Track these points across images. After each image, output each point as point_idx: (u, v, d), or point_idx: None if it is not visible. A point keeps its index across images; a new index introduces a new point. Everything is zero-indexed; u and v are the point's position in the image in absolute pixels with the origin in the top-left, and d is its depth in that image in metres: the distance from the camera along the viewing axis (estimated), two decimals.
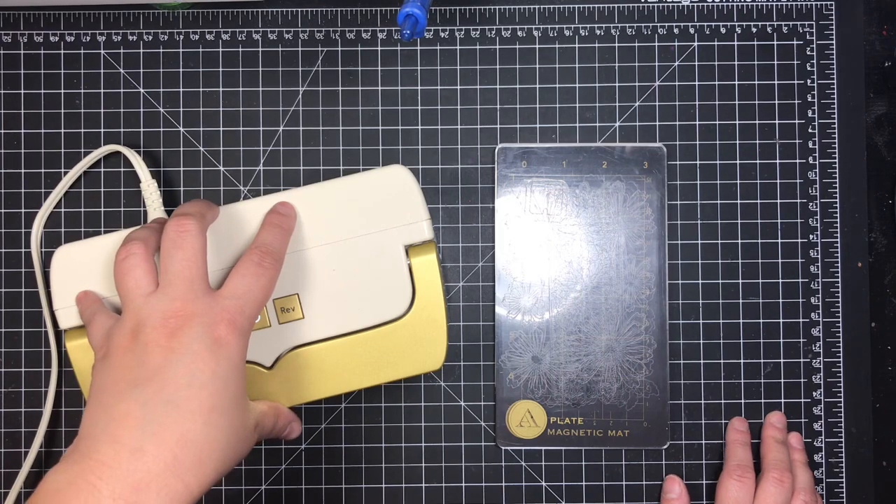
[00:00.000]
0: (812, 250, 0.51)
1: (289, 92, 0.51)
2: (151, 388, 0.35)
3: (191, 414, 0.35)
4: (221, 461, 0.36)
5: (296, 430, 0.45)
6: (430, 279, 0.44)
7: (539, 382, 0.50)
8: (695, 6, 0.51)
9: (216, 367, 0.36)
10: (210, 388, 0.36)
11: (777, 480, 0.46)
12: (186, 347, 0.36)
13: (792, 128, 0.51)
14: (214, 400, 0.36)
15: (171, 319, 0.37)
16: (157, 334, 0.36)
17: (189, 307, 0.37)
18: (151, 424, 0.34)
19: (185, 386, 0.35)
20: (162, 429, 0.34)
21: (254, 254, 0.40)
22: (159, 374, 0.36)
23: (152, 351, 0.36)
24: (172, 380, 0.35)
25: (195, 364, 0.36)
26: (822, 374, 0.50)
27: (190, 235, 0.39)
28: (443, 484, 0.50)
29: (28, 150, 0.50)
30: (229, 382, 0.37)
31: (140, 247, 0.39)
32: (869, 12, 0.51)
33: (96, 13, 0.51)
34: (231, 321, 0.37)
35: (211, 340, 0.37)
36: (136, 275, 0.38)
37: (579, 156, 0.50)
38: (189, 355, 0.36)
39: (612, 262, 0.50)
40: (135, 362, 0.36)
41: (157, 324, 0.37)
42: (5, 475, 0.49)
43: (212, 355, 0.36)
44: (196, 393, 0.36)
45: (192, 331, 0.37)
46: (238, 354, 0.37)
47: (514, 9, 0.51)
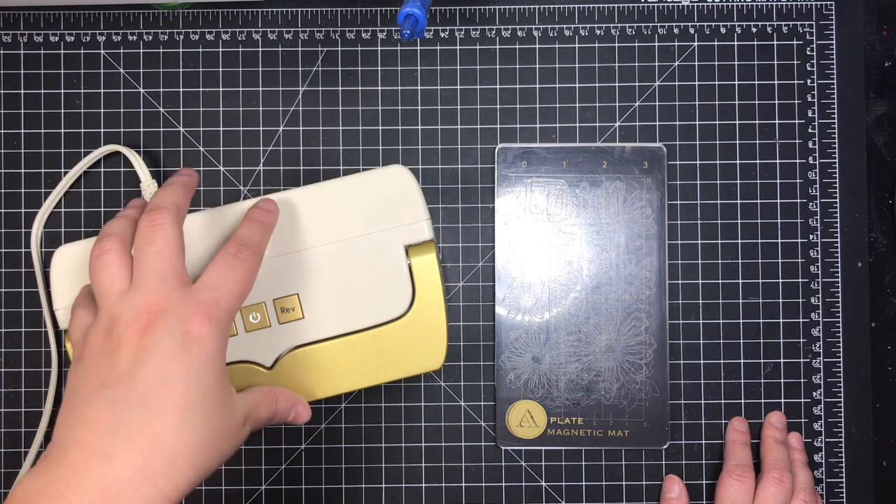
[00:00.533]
0: (812, 250, 0.51)
1: (289, 92, 0.51)
2: (121, 388, 0.34)
3: (162, 413, 0.34)
4: (199, 462, 0.35)
5: (303, 414, 0.43)
6: (430, 279, 0.44)
7: (539, 382, 0.50)
8: (695, 6, 0.51)
9: (189, 363, 0.35)
10: (182, 385, 0.34)
11: (777, 480, 0.46)
12: (157, 344, 0.35)
13: (792, 128, 0.51)
14: (187, 398, 0.34)
15: (143, 315, 0.36)
16: (129, 332, 0.35)
17: (161, 302, 0.36)
18: (121, 427, 0.33)
19: (156, 385, 0.34)
20: (132, 431, 0.33)
21: (230, 246, 0.39)
22: (130, 374, 0.34)
23: (123, 350, 0.35)
24: (143, 379, 0.34)
25: (166, 361, 0.34)
26: (822, 374, 0.50)
27: (163, 228, 0.38)
28: (443, 484, 0.50)
29: (28, 150, 0.50)
30: (204, 378, 0.35)
31: (115, 242, 0.38)
32: (869, 12, 0.51)
33: (96, 13, 0.51)
34: (205, 314, 0.36)
35: (183, 335, 0.35)
36: (110, 272, 0.37)
37: (579, 156, 0.50)
38: (160, 352, 0.35)
39: (612, 262, 0.50)
40: (106, 363, 0.35)
41: (129, 321, 0.36)
42: (5, 475, 0.49)
43: (184, 351, 0.35)
44: (167, 391, 0.34)
45: (164, 326, 0.35)
46: (213, 348, 0.36)
47: (514, 9, 0.51)
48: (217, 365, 0.36)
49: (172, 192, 0.40)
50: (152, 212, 0.38)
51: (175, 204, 0.39)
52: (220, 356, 0.36)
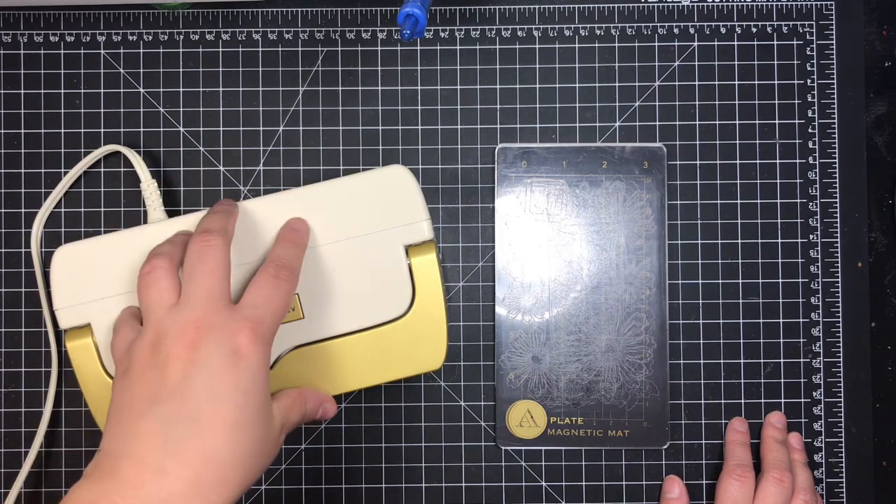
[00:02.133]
0: (812, 250, 0.51)
1: (289, 92, 0.51)
2: (172, 404, 0.35)
3: (213, 430, 0.35)
4: (245, 476, 0.36)
5: (330, 410, 0.44)
6: (430, 279, 0.44)
7: (539, 382, 0.50)
8: (695, 6, 0.51)
9: (237, 380, 0.36)
10: (231, 401, 0.35)
11: (777, 480, 0.46)
12: (206, 360, 0.35)
13: (792, 128, 0.51)
14: (237, 414, 0.35)
15: (191, 331, 0.36)
16: (178, 347, 0.36)
17: (209, 318, 0.37)
18: (173, 443, 0.34)
19: (206, 401, 0.35)
20: (184, 447, 0.34)
21: (270, 267, 0.40)
22: (179, 389, 0.35)
23: (172, 364, 0.36)
24: (193, 395, 0.35)
25: (215, 377, 0.35)
26: (822, 374, 0.50)
27: (214, 250, 0.39)
28: (443, 484, 0.50)
29: (28, 150, 0.50)
30: (251, 395, 0.36)
31: (164, 260, 0.39)
32: (869, 12, 0.51)
33: (96, 13, 0.51)
34: (251, 331, 0.37)
35: (231, 351, 0.36)
36: (159, 287, 0.38)
37: (579, 156, 0.50)
38: (209, 367, 0.35)
39: (612, 262, 0.50)
40: (155, 378, 0.36)
41: (178, 336, 0.36)
42: (5, 475, 0.49)
43: (232, 367, 0.36)
44: (217, 408, 0.35)
45: (212, 342, 0.36)
46: (259, 365, 0.37)
47: (514, 9, 0.51)
48: (262, 381, 0.37)
49: (221, 218, 0.41)
50: (204, 233, 0.39)
51: (224, 229, 0.40)
52: (265, 372, 0.37)
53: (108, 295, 0.44)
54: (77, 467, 0.49)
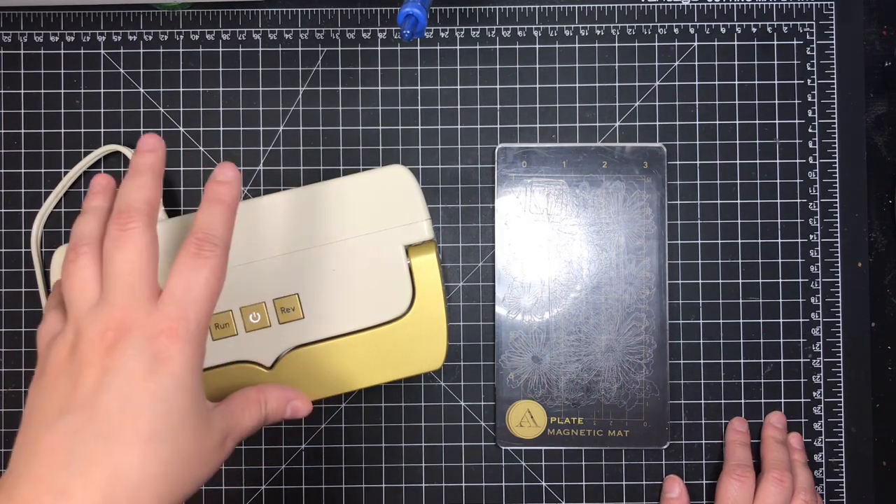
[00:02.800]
0: (812, 250, 0.51)
1: (289, 92, 0.51)
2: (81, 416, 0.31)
3: (124, 446, 0.31)
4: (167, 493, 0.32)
5: (301, 409, 0.40)
6: (430, 279, 0.44)
7: (539, 382, 0.50)
8: (695, 6, 0.51)
9: (156, 388, 0.32)
10: (148, 413, 0.31)
11: (777, 480, 0.46)
12: (122, 366, 0.32)
13: (792, 128, 0.51)
14: (154, 427, 0.31)
15: (109, 332, 0.33)
16: (93, 351, 0.32)
17: (129, 317, 0.33)
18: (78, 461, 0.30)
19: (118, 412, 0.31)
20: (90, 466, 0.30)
21: (189, 244, 0.35)
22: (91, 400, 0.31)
23: (86, 371, 0.32)
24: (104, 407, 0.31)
25: (130, 386, 0.31)
26: (822, 374, 0.50)
27: (134, 234, 0.34)
28: (443, 484, 0.50)
29: (28, 150, 0.50)
30: (173, 404, 0.32)
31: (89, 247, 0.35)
32: (869, 12, 0.51)
33: (96, 13, 0.51)
34: (172, 331, 0.33)
35: (150, 356, 0.32)
36: (81, 278, 0.35)
37: (579, 156, 0.50)
38: (124, 376, 0.32)
39: (612, 262, 0.50)
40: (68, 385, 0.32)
41: (95, 338, 0.33)
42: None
43: (150, 374, 0.32)
44: (131, 421, 0.31)
45: (130, 346, 0.32)
46: (184, 368, 0.33)
47: (514, 9, 0.51)
48: (189, 386, 0.33)
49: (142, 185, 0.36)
50: (122, 214, 0.35)
51: (147, 202, 0.36)
52: (192, 375, 0.33)
53: None
54: None
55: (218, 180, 0.37)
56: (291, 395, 0.40)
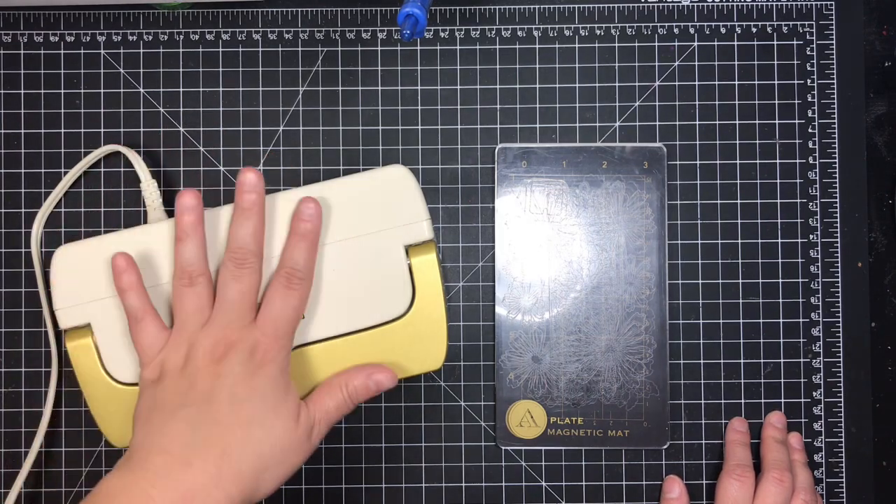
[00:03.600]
0: (812, 250, 0.51)
1: (289, 92, 0.51)
2: (199, 409, 0.39)
3: (230, 428, 0.38)
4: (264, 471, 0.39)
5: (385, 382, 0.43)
6: (430, 279, 0.44)
7: (539, 382, 0.50)
8: (695, 6, 0.51)
9: (254, 384, 0.40)
10: (248, 403, 0.39)
11: (777, 480, 0.46)
12: (230, 371, 0.40)
13: (792, 128, 0.51)
14: (252, 414, 0.39)
15: (220, 347, 0.40)
16: (206, 361, 0.40)
17: (235, 334, 0.41)
18: (198, 441, 0.38)
19: (227, 405, 0.39)
20: (206, 444, 0.38)
21: (282, 277, 0.42)
22: (206, 397, 0.39)
23: (201, 378, 0.40)
24: (217, 401, 0.39)
25: (236, 385, 0.39)
26: (822, 374, 0.50)
27: (249, 271, 0.42)
28: (443, 484, 0.50)
29: (28, 150, 0.50)
30: (268, 397, 0.40)
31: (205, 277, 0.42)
32: (869, 12, 0.51)
33: (96, 13, 0.51)
34: (268, 344, 0.41)
35: (252, 363, 0.40)
36: (199, 303, 0.42)
37: (579, 156, 0.50)
38: (231, 378, 0.39)
39: (612, 262, 0.50)
40: (185, 386, 0.40)
41: (207, 353, 0.40)
42: (5, 475, 0.49)
43: (250, 375, 0.40)
44: (236, 409, 0.39)
45: (235, 355, 0.40)
46: (276, 371, 0.40)
47: (514, 9, 0.51)
48: (281, 385, 0.40)
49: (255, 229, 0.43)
50: (239, 253, 0.42)
51: (258, 244, 0.43)
52: (283, 377, 0.41)
53: (108, 295, 0.44)
54: (77, 467, 0.49)
55: (303, 218, 0.43)
56: (372, 370, 0.43)
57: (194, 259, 0.42)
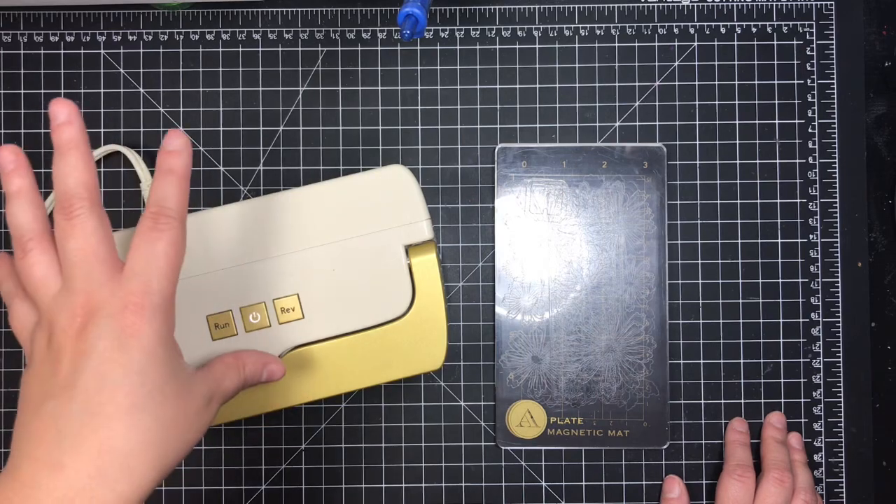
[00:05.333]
0: (812, 250, 0.51)
1: (289, 92, 0.51)
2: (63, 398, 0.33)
3: (107, 419, 0.33)
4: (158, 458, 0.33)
5: (276, 372, 0.42)
6: (430, 279, 0.44)
7: (539, 382, 0.50)
8: (695, 6, 0.51)
9: (128, 362, 0.33)
10: (125, 386, 0.33)
11: (777, 480, 0.46)
12: (93, 347, 0.33)
13: (792, 128, 0.51)
14: (132, 399, 0.33)
15: (77, 317, 0.34)
16: (65, 337, 0.34)
17: (93, 299, 0.34)
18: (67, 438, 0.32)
19: (97, 390, 0.33)
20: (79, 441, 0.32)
21: (146, 218, 0.36)
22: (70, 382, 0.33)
23: (62, 357, 0.34)
24: (83, 387, 0.33)
25: (104, 364, 0.33)
26: (822, 374, 0.50)
27: (80, 219, 0.35)
28: (443, 484, 0.50)
29: (28, 150, 0.50)
30: (148, 374, 0.34)
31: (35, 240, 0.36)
32: (869, 12, 0.51)
33: (96, 13, 0.51)
34: (136, 305, 0.34)
35: (118, 332, 0.33)
36: (39, 273, 0.36)
37: (579, 156, 0.50)
38: (96, 355, 0.33)
39: (612, 262, 0.50)
40: (49, 371, 0.34)
41: (65, 325, 0.34)
42: None
43: (121, 349, 0.33)
44: (110, 396, 0.33)
45: (98, 326, 0.34)
46: (154, 338, 0.34)
47: (514, 9, 0.51)
48: (161, 356, 0.34)
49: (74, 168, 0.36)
50: (64, 203, 0.35)
51: (83, 185, 0.36)
52: (163, 345, 0.34)
53: None
54: None
55: (168, 150, 0.38)
56: (268, 360, 0.42)
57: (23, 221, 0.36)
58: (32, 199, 0.37)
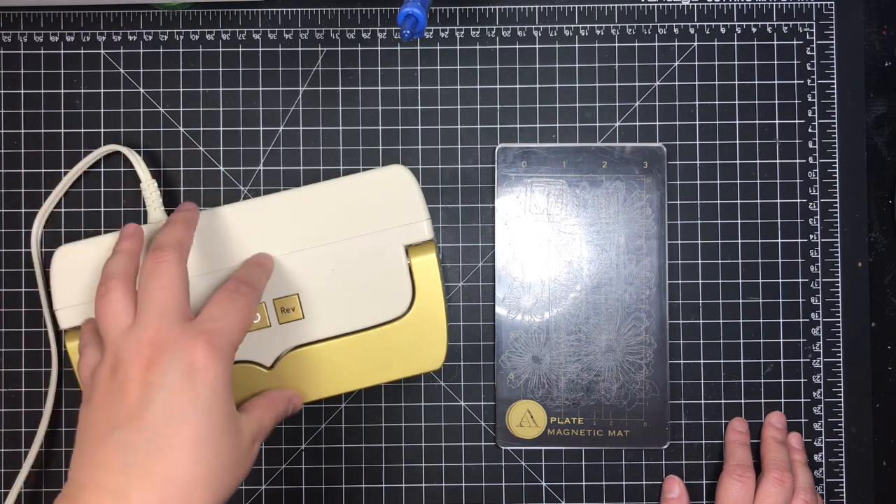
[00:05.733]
0: (812, 250, 0.51)
1: (289, 92, 0.51)
2: (130, 428, 0.34)
3: (173, 451, 0.34)
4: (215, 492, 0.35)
5: (298, 404, 0.44)
6: (430, 279, 0.44)
7: (539, 382, 0.50)
8: (695, 6, 0.51)
9: (195, 398, 0.35)
10: (191, 421, 0.34)
11: (777, 480, 0.46)
12: (162, 380, 0.35)
13: (792, 128, 0.51)
14: (198, 433, 0.34)
15: (146, 350, 0.36)
16: (133, 368, 0.35)
17: (163, 334, 0.36)
18: (133, 468, 0.33)
19: (165, 423, 0.34)
20: (145, 471, 0.33)
21: (230, 284, 0.40)
22: (138, 413, 0.34)
23: (130, 388, 0.35)
24: (151, 418, 0.34)
25: (172, 397, 0.34)
26: (822, 374, 0.50)
27: (167, 265, 0.38)
28: (443, 484, 0.50)
29: (28, 150, 0.50)
30: (213, 411, 0.35)
31: (118, 281, 0.38)
32: (869, 12, 0.51)
33: (96, 13, 0.51)
34: (208, 342, 0.36)
35: (187, 367, 0.35)
36: (114, 309, 0.38)
37: (579, 156, 0.50)
38: (166, 388, 0.35)
39: (612, 262, 0.50)
40: (114, 402, 0.35)
41: (133, 357, 0.36)
42: (5, 475, 0.49)
43: (189, 384, 0.35)
44: (177, 429, 0.34)
45: (168, 360, 0.35)
46: (219, 378, 0.36)
47: (514, 9, 0.51)
48: (224, 395, 0.36)
49: (176, 229, 0.40)
50: (157, 250, 0.38)
51: (179, 242, 0.39)
52: (226, 386, 0.36)
53: None
54: None
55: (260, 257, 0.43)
56: (289, 394, 0.44)
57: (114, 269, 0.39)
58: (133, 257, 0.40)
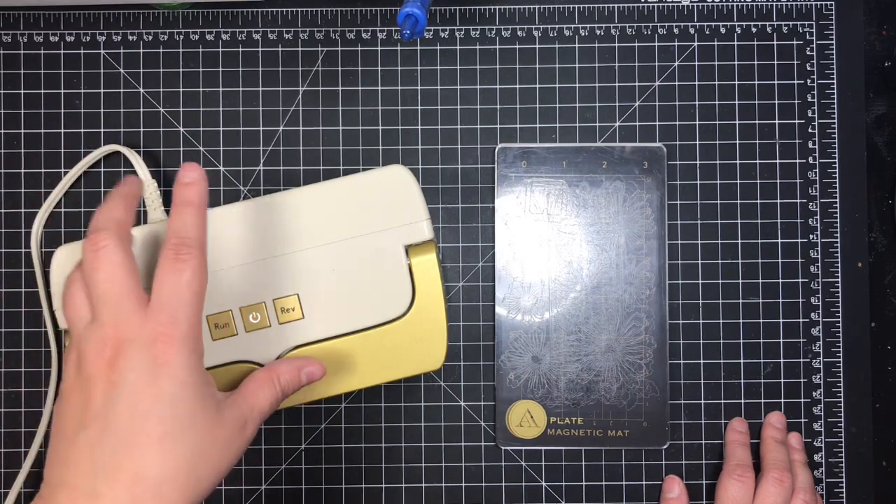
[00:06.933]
0: (812, 250, 0.51)
1: (289, 92, 0.51)
2: (96, 428, 0.34)
3: (140, 449, 0.34)
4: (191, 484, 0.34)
5: (316, 373, 0.41)
6: (430, 279, 0.44)
7: (539, 382, 0.50)
8: (695, 6, 0.51)
9: (159, 392, 0.34)
10: (156, 416, 0.34)
11: (777, 480, 0.46)
12: (125, 378, 0.34)
13: (792, 128, 0.51)
14: (164, 427, 0.34)
15: (106, 349, 0.35)
16: (96, 367, 0.35)
17: (120, 331, 0.35)
18: (102, 466, 0.33)
19: (129, 420, 0.34)
20: (113, 471, 0.33)
21: (167, 250, 0.37)
22: (103, 412, 0.34)
23: (94, 387, 0.35)
24: (115, 416, 0.34)
25: (135, 394, 0.34)
26: (822, 374, 0.50)
27: (106, 252, 0.36)
28: (443, 484, 0.50)
29: (28, 150, 0.50)
30: (180, 403, 0.35)
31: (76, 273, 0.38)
32: (869, 12, 0.51)
33: (96, 13, 0.51)
34: (166, 336, 0.35)
35: (150, 363, 0.35)
36: (73, 304, 0.37)
37: (579, 156, 0.50)
38: (128, 386, 0.34)
39: (612, 262, 0.50)
40: (80, 402, 0.35)
41: (94, 356, 0.35)
42: (5, 475, 0.49)
43: (151, 379, 0.34)
44: (142, 426, 0.34)
45: (129, 357, 0.35)
46: (183, 369, 0.35)
47: (514, 9, 0.51)
48: (191, 385, 0.35)
49: (111, 208, 0.38)
50: (92, 235, 0.37)
51: (115, 221, 0.37)
52: (193, 374, 0.35)
53: None
54: None
55: (184, 182, 0.39)
56: (302, 363, 0.42)
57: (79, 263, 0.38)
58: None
